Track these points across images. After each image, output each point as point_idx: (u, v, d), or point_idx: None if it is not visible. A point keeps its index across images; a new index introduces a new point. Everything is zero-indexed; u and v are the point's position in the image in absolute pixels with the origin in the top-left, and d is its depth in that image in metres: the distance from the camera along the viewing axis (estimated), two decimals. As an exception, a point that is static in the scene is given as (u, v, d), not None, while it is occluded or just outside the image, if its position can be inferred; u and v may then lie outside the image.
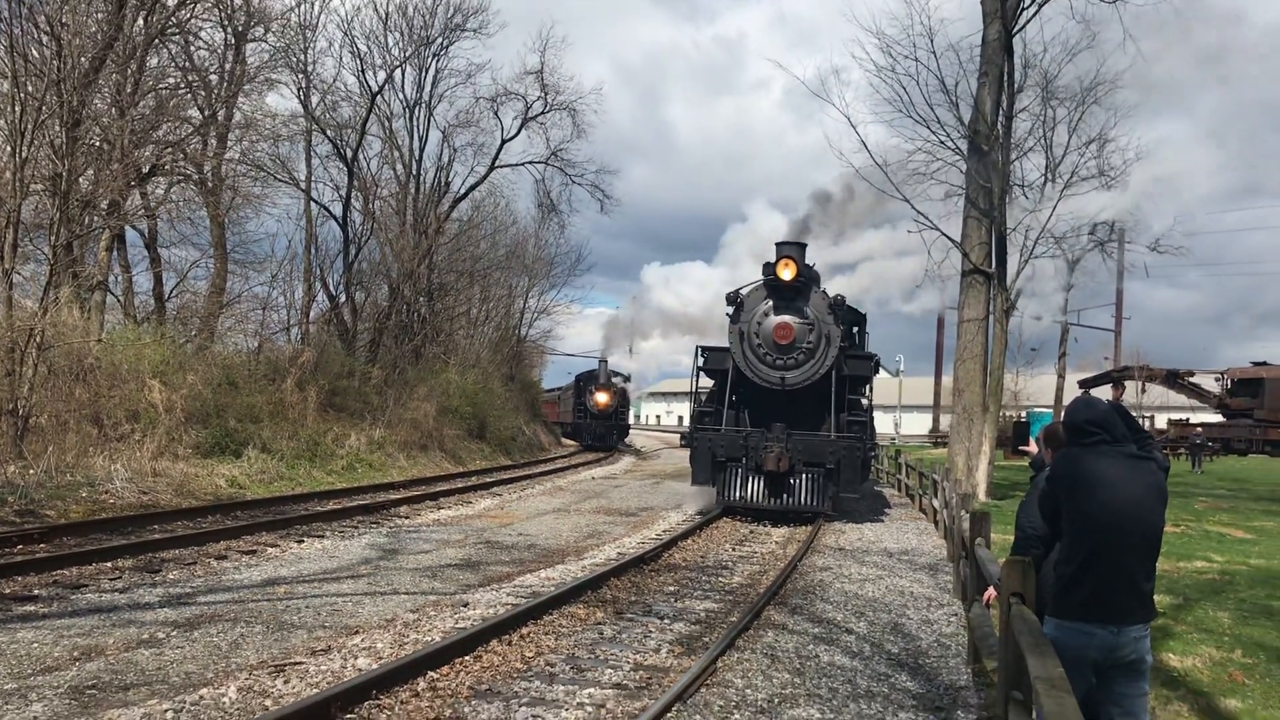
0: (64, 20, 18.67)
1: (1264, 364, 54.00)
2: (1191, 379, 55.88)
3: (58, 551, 11.51)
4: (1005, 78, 22.77)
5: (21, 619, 8.63)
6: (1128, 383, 54.00)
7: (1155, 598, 4.70)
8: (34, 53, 18.72)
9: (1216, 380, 55.60)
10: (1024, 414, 51.06)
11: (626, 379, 54.38)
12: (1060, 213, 23.30)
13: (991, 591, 6.02)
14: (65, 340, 18.39)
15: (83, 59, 19.56)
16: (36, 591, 9.71)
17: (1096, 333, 58.47)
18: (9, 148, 17.55)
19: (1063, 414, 5.12)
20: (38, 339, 16.86)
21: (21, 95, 17.42)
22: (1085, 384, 51.86)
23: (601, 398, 48.40)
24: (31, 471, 15.39)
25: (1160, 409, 59.59)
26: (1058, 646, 4.19)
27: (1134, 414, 5.12)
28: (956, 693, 7.46)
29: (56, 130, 18.58)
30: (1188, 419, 56.07)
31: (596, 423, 48.52)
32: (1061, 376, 48.26)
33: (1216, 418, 55.19)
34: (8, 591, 9.64)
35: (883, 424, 51.88)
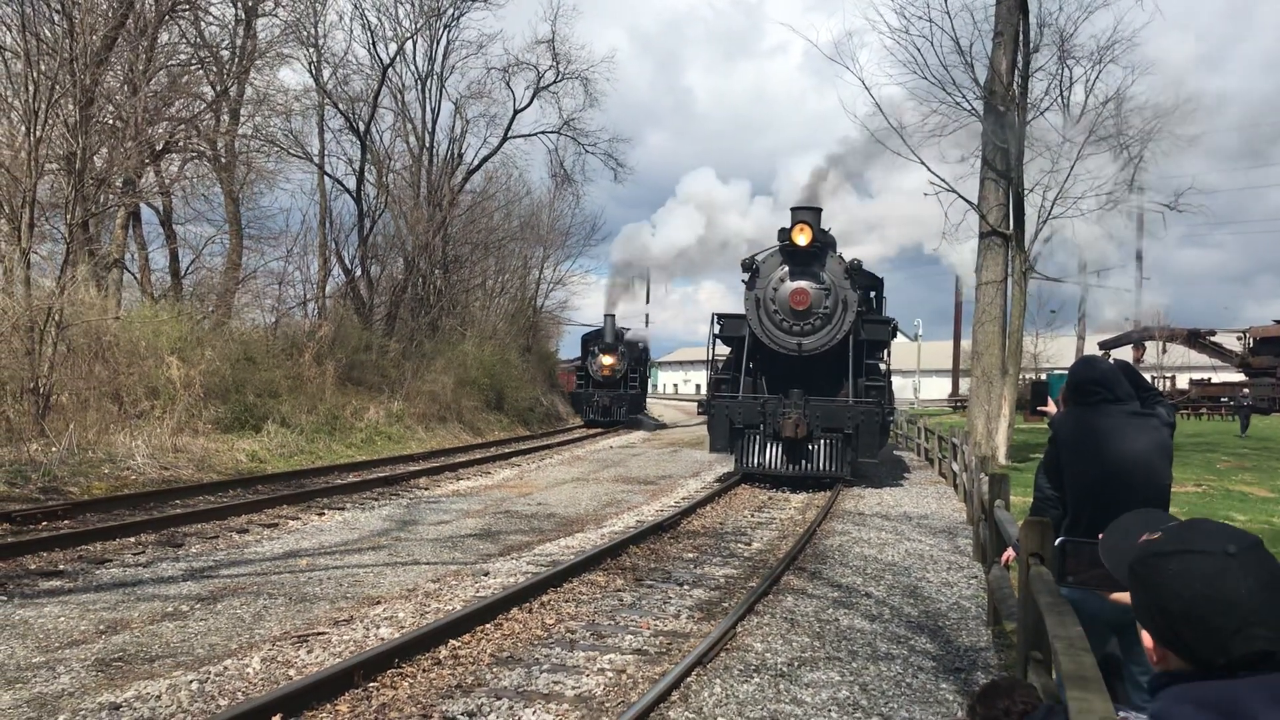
0: (74, -2, 18.64)
1: (1286, 322, 53.55)
2: (1213, 338, 55.50)
3: (81, 527, 11.62)
4: (1021, 37, 22.49)
5: (48, 594, 8.72)
6: (1149, 343, 53.69)
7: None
8: (46, 32, 18.72)
9: (1238, 339, 55.19)
10: (1044, 376, 50.84)
11: (642, 342, 46.55)
12: (1077, 173, 23.06)
13: (1010, 553, 5.99)
14: (84, 318, 18.49)
15: (95, 37, 19.54)
16: (62, 567, 9.82)
17: (1118, 293, 58.01)
18: (23, 127, 17.59)
19: (1067, 376, 5.08)
20: (56, 317, 16.95)
21: (35, 75, 17.44)
22: (1106, 345, 51.59)
23: (607, 360, 40.29)
24: (54, 449, 15.51)
25: (1181, 369, 59.22)
26: (1075, 607, 4.17)
27: (1152, 374, 5.06)
28: (976, 654, 7.47)
29: (70, 109, 18.59)
30: (1209, 378, 55.73)
31: (600, 392, 39.99)
32: (1081, 338, 48.02)
33: (1239, 376, 54.82)
34: (34, 567, 9.76)
35: (902, 389, 51.45)
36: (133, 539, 11.36)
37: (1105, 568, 2.00)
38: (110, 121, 21.53)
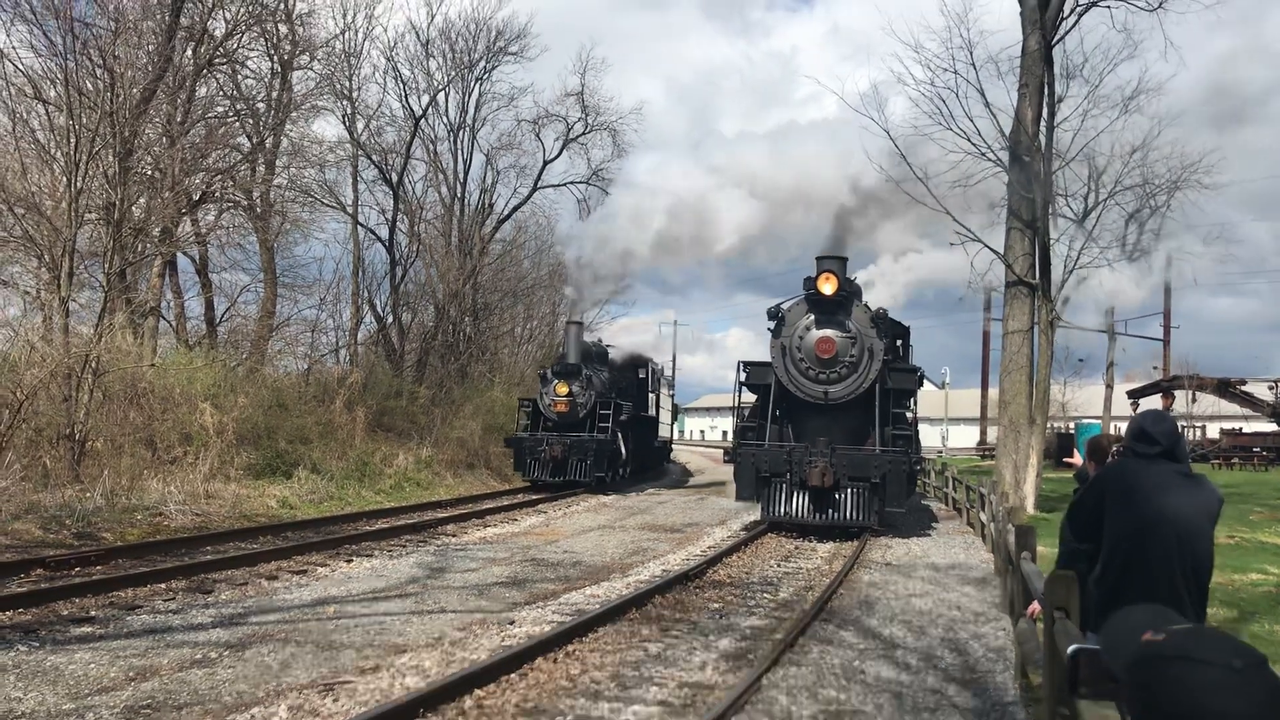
0: (116, 53, 19.16)
1: (1320, 371, 52.84)
2: (1243, 388, 54.84)
3: (114, 573, 11.74)
4: (1046, 88, 22.61)
5: (79, 640, 8.82)
6: (1178, 392, 53.16)
7: (1210, 610, 4.58)
8: (88, 85, 19.21)
9: (1270, 389, 54.52)
10: (1072, 425, 50.36)
11: (643, 366, 33.66)
12: (1104, 222, 23.07)
13: (1036, 606, 5.98)
14: (120, 365, 18.78)
15: (134, 90, 20.05)
16: (93, 613, 9.92)
17: (1147, 342, 57.65)
18: (65, 179, 18.01)
19: (1129, 422, 5.03)
20: (93, 365, 17.25)
21: (77, 127, 17.88)
22: (1134, 394, 51.13)
23: (561, 390, 27.19)
24: (88, 495, 15.72)
25: (1212, 418, 58.52)
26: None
27: (1181, 423, 5.04)
28: (1004, 708, 7.42)
29: (110, 160, 19.04)
30: (1240, 429, 55.03)
31: (551, 437, 26.43)
32: (1110, 387, 47.59)
33: (1270, 427, 54.10)
34: (65, 613, 9.87)
35: (929, 437, 50.95)
36: (164, 585, 11.46)
37: (1120, 681, 1.95)
38: (148, 172, 22.02)
